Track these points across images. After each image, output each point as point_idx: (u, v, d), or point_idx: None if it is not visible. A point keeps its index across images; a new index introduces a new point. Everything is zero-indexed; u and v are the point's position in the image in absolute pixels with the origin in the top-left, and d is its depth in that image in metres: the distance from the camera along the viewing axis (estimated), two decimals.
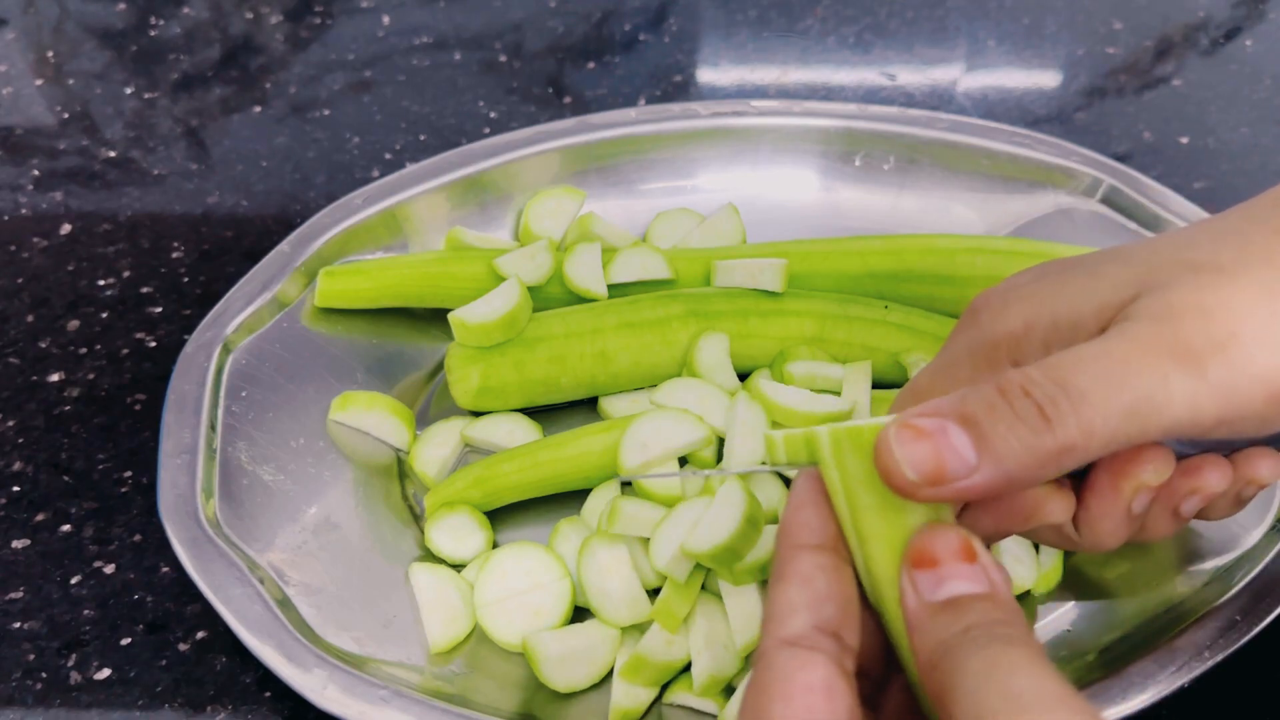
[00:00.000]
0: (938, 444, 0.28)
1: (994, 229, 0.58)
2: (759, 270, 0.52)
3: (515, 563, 0.45)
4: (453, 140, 0.68)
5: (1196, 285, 0.30)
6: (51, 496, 0.51)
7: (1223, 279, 0.30)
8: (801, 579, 0.29)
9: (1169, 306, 0.29)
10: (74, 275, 0.61)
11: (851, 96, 0.72)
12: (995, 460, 0.28)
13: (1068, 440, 0.28)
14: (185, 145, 0.69)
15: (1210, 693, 0.41)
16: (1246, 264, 0.30)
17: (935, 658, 0.27)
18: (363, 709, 0.39)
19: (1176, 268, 0.30)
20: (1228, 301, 0.29)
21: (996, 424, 0.28)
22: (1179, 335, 0.29)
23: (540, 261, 0.53)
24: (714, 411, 0.48)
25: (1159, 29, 0.77)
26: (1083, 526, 0.33)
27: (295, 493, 0.47)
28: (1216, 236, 0.31)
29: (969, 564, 0.28)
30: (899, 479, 0.28)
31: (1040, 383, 0.28)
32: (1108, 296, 0.31)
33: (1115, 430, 0.28)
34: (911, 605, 0.28)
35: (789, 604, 0.29)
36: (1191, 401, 0.28)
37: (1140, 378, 0.28)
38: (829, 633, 0.28)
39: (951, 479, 0.28)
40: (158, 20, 0.80)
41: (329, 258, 0.54)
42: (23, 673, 0.44)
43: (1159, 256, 0.31)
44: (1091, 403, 0.28)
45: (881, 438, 0.29)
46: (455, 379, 0.50)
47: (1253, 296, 0.29)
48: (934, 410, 0.29)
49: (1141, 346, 0.29)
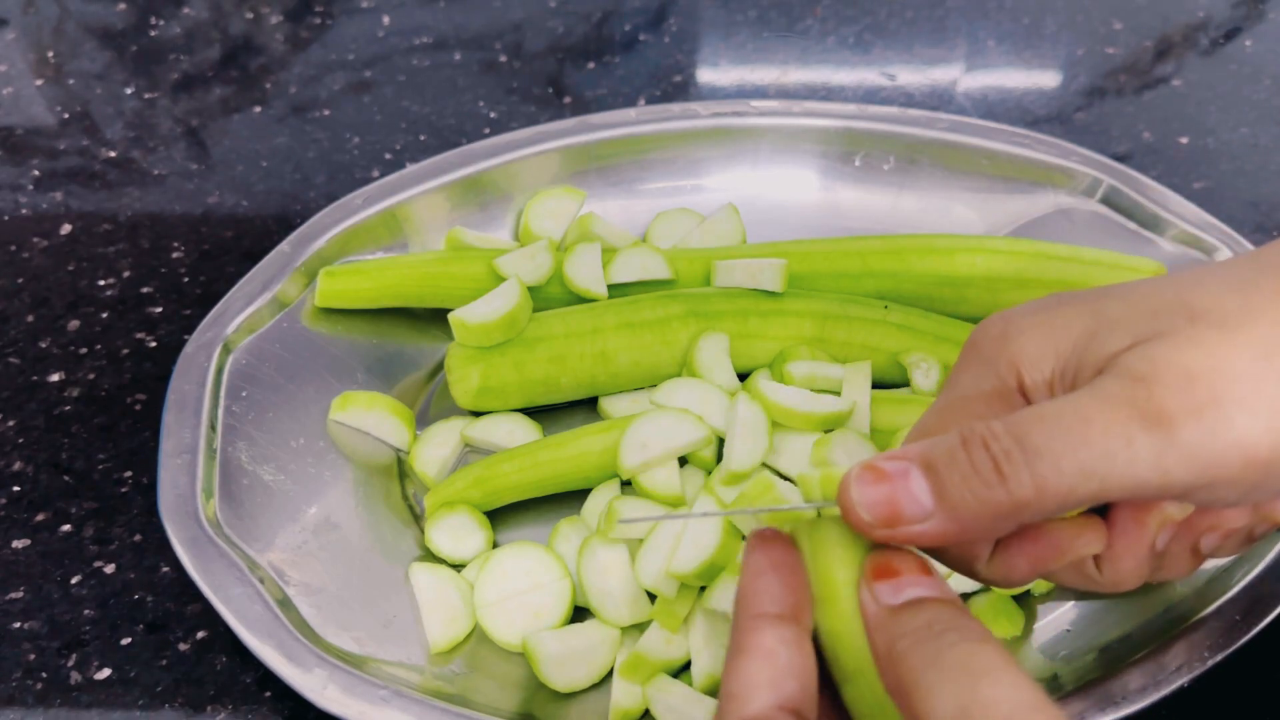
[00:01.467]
0: (895, 487, 0.29)
1: (994, 229, 0.58)
2: (759, 270, 0.52)
3: (515, 563, 0.45)
4: (453, 140, 0.69)
5: (1190, 339, 0.29)
6: (51, 496, 0.51)
7: (1219, 334, 0.29)
8: (764, 654, 0.29)
9: (1152, 364, 0.29)
10: (74, 275, 0.61)
11: (851, 96, 0.72)
12: (949, 509, 0.28)
13: (1020, 496, 0.28)
14: (185, 145, 0.69)
15: (1210, 693, 0.41)
16: (1248, 318, 0.29)
17: (899, 649, 0.27)
18: (363, 709, 0.39)
19: (1176, 315, 0.30)
20: (1218, 364, 0.28)
21: (953, 473, 0.28)
22: (1153, 396, 0.28)
23: (540, 261, 0.53)
24: (714, 411, 0.48)
25: (1159, 29, 0.77)
26: (1106, 564, 0.33)
27: (295, 493, 0.47)
28: (1225, 282, 0.31)
29: (926, 575, 0.29)
30: (854, 518, 0.29)
31: (1000, 436, 0.28)
32: (1106, 340, 0.30)
33: (1071, 489, 0.28)
34: (871, 611, 0.28)
35: (751, 681, 0.28)
36: (1158, 465, 0.28)
37: (1102, 437, 0.28)
38: (791, 710, 0.28)
39: (906, 522, 0.28)
40: (158, 20, 0.80)
41: (329, 258, 0.54)
42: (23, 673, 0.44)
43: (1161, 299, 0.31)
44: (1046, 460, 0.28)
45: (844, 478, 0.29)
46: (455, 379, 0.50)
47: (1245, 357, 0.29)
48: (902, 454, 0.29)
49: (1109, 405, 0.28)
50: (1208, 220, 0.54)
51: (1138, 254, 0.53)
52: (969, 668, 0.26)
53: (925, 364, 0.50)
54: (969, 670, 0.26)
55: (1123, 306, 0.31)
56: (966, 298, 0.53)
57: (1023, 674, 0.26)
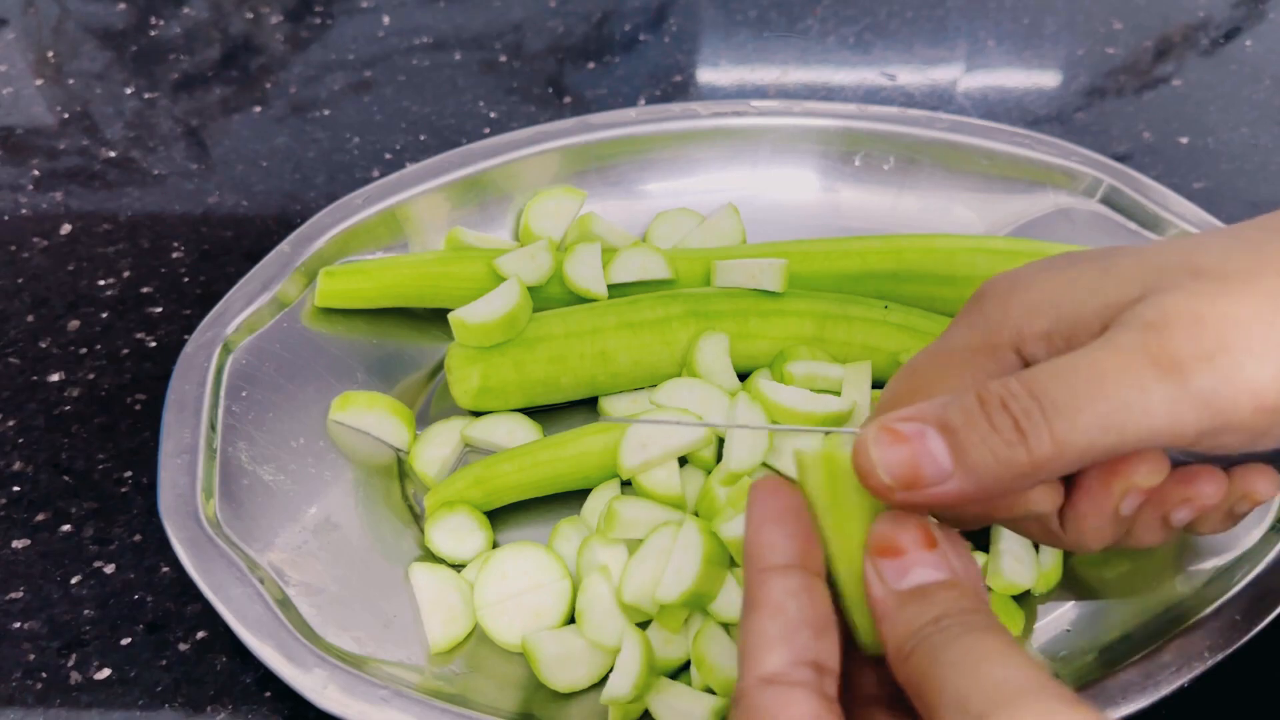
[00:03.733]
0: (915, 449, 0.28)
1: (994, 229, 0.58)
2: (759, 270, 0.51)
3: (515, 563, 0.45)
4: (453, 140, 0.69)
5: (1196, 292, 0.30)
6: (51, 496, 0.51)
7: (1226, 286, 0.29)
8: (773, 608, 0.28)
9: (1162, 314, 0.29)
10: (74, 275, 0.61)
11: (851, 96, 0.72)
12: (969, 470, 0.28)
13: (1041, 454, 0.28)
14: (185, 145, 0.69)
15: (1210, 693, 0.41)
16: (1255, 272, 0.30)
17: (908, 648, 0.27)
18: (363, 709, 0.39)
19: (1182, 272, 0.30)
20: (1225, 311, 0.29)
21: (972, 434, 0.28)
22: (1165, 344, 0.29)
23: (540, 261, 0.53)
24: (714, 411, 0.48)
25: (1159, 29, 0.77)
26: (1068, 523, 0.33)
27: (295, 493, 0.47)
28: (1230, 243, 0.31)
29: (931, 551, 0.29)
30: (874, 481, 0.29)
31: (1018, 394, 0.29)
32: (1112, 295, 0.31)
33: (1091, 443, 0.28)
34: (879, 594, 0.28)
35: (763, 638, 0.28)
36: (1171, 412, 0.28)
37: (1117, 388, 0.28)
38: (807, 662, 0.28)
39: (926, 485, 0.28)
40: (158, 20, 0.80)
41: (329, 258, 0.54)
42: (23, 673, 0.44)
43: (1168, 258, 0.31)
44: (1066, 416, 0.28)
45: (860, 440, 0.29)
46: (455, 379, 0.50)
47: (1252, 307, 0.29)
48: (916, 415, 0.29)
49: (1123, 356, 0.29)
50: (1208, 220, 0.54)
51: None
52: (973, 654, 0.26)
53: None
54: (973, 656, 0.26)
55: (1130, 262, 0.32)
56: (966, 298, 0.53)
57: (1026, 658, 0.26)
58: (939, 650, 0.27)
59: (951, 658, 0.26)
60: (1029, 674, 0.26)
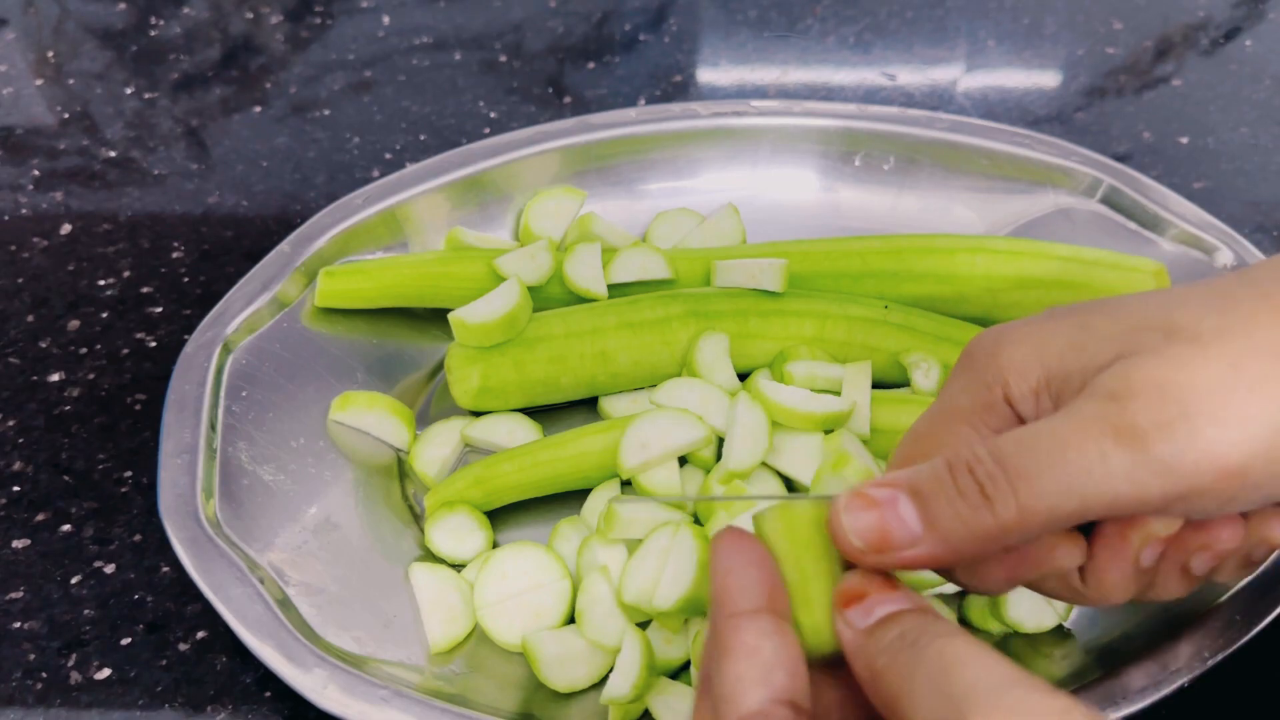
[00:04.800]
0: (884, 514, 0.30)
1: (994, 229, 0.58)
2: (759, 270, 0.51)
3: (515, 563, 0.45)
4: (453, 140, 0.69)
5: (1166, 357, 0.30)
6: (51, 496, 0.51)
7: (1193, 350, 0.30)
8: (747, 650, 0.29)
9: (1126, 383, 0.30)
10: (74, 275, 0.61)
11: (851, 96, 0.72)
12: (938, 534, 0.29)
13: (1007, 518, 0.29)
14: (185, 145, 0.69)
15: (1210, 693, 0.41)
16: (1223, 333, 0.30)
17: (878, 665, 0.28)
18: (363, 709, 0.39)
19: (1157, 332, 0.31)
20: (1190, 378, 0.29)
21: (940, 499, 0.29)
22: (1124, 414, 0.29)
23: (540, 261, 0.53)
24: (714, 411, 0.48)
25: (1159, 29, 0.77)
26: (1090, 577, 0.33)
27: (295, 493, 0.47)
28: (1207, 298, 0.31)
29: (894, 591, 0.29)
30: (846, 545, 0.30)
31: (984, 460, 0.29)
32: (1090, 356, 0.31)
33: (1053, 507, 0.29)
34: (848, 637, 0.29)
35: (739, 681, 0.28)
36: (1132, 477, 0.29)
37: (1078, 456, 0.29)
38: (784, 702, 0.28)
39: (896, 548, 0.29)
40: (158, 20, 0.80)
41: (329, 258, 0.54)
42: (23, 673, 0.44)
43: (1147, 315, 0.31)
44: (1029, 482, 0.29)
45: (834, 506, 0.30)
46: (455, 379, 0.50)
47: (1217, 371, 0.29)
48: (889, 481, 0.30)
49: (1084, 424, 0.29)
50: (1208, 220, 0.54)
51: (1138, 254, 0.53)
52: (943, 661, 0.27)
53: (925, 364, 0.50)
54: (943, 662, 0.27)
55: (1108, 322, 0.32)
56: (966, 297, 0.53)
57: (996, 656, 0.27)
58: (907, 665, 0.27)
59: (921, 669, 0.27)
60: (1000, 671, 0.26)
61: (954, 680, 0.26)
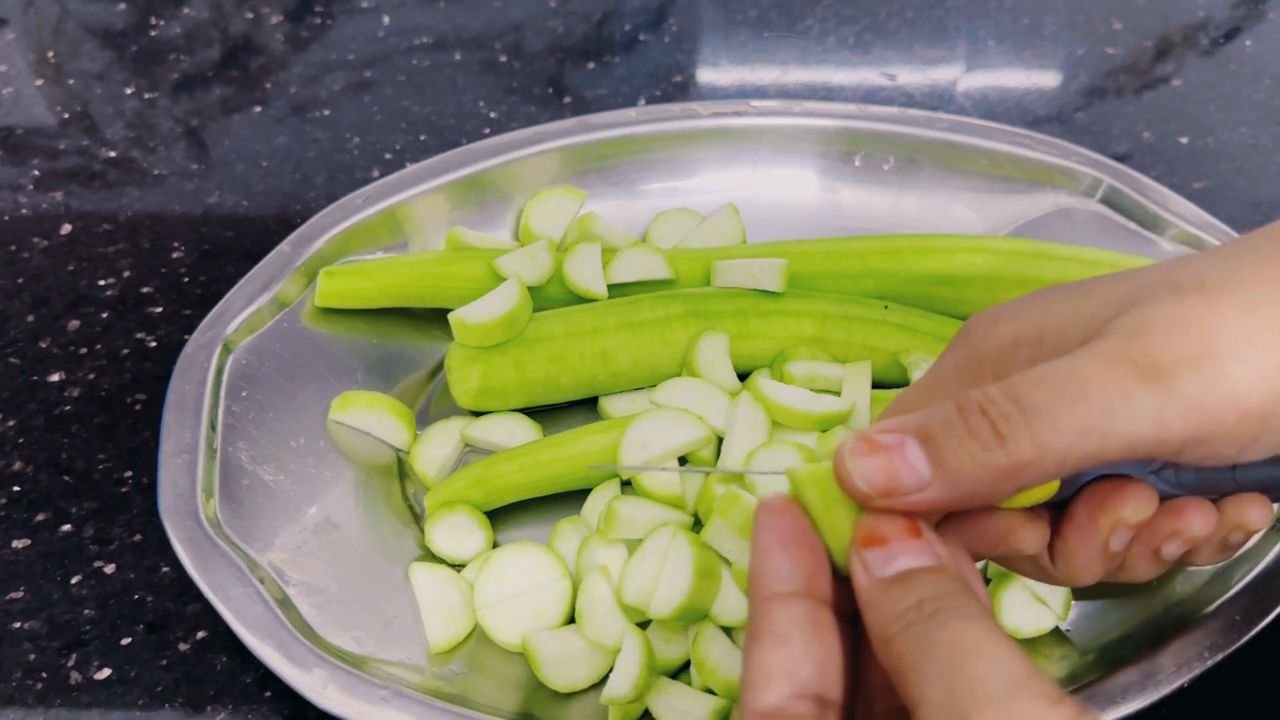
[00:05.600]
0: (892, 458, 0.28)
1: (994, 229, 0.58)
2: (759, 270, 0.51)
3: (515, 563, 0.45)
4: (453, 140, 0.69)
5: (1177, 302, 0.30)
6: (51, 496, 0.51)
7: (1204, 297, 0.30)
8: (777, 638, 0.28)
9: (1144, 320, 0.29)
10: (74, 275, 0.61)
11: (851, 96, 0.72)
12: (948, 476, 0.28)
13: (1021, 457, 0.28)
14: (185, 145, 0.69)
15: (1210, 693, 0.41)
16: (1232, 284, 0.30)
17: (890, 632, 0.27)
18: (363, 709, 0.39)
19: (1162, 287, 0.30)
20: (1206, 317, 0.29)
21: (950, 440, 0.28)
22: (1148, 350, 0.28)
23: (540, 261, 0.53)
24: (714, 411, 0.48)
25: (1159, 29, 0.77)
26: (1059, 558, 0.33)
27: (295, 493, 0.47)
28: (1208, 260, 0.31)
29: (916, 539, 0.28)
30: (852, 489, 0.29)
31: (997, 400, 0.28)
32: (1094, 313, 0.31)
33: (1070, 446, 0.28)
34: (863, 583, 0.28)
35: (765, 670, 0.28)
36: (1156, 418, 0.28)
37: (1100, 393, 0.28)
38: (809, 696, 0.27)
39: (904, 492, 0.28)
40: (158, 20, 0.80)
41: (329, 258, 0.54)
42: (23, 673, 0.44)
43: (1149, 277, 0.31)
44: (1046, 419, 0.28)
45: (839, 450, 0.29)
46: (455, 379, 0.50)
47: (1233, 314, 0.29)
48: (896, 426, 0.29)
49: (1106, 362, 0.28)
50: (1208, 220, 0.54)
51: (1138, 254, 0.53)
52: (956, 648, 0.26)
53: (925, 364, 0.50)
54: (955, 650, 0.26)
55: (1109, 285, 0.32)
56: (966, 298, 0.53)
57: (1010, 649, 0.26)
58: (921, 639, 0.26)
59: (934, 649, 0.26)
60: (1011, 669, 0.25)
61: (964, 673, 0.25)
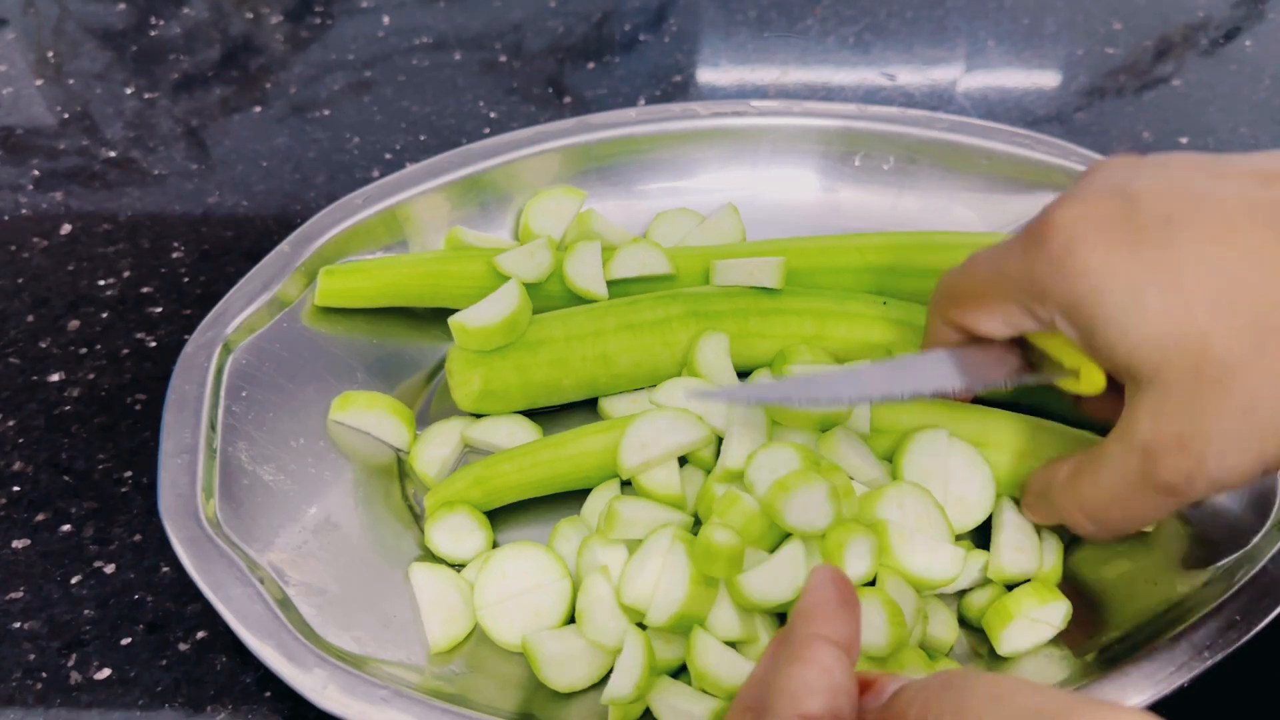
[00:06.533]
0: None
1: (994, 229, 0.58)
2: (757, 268, 0.51)
3: (515, 563, 0.45)
4: (453, 140, 0.69)
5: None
6: (51, 496, 0.51)
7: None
8: (822, 667, 0.30)
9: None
10: (74, 275, 0.61)
11: (851, 96, 0.72)
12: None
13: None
14: (185, 145, 0.69)
15: (1210, 693, 0.41)
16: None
17: (910, 716, 0.29)
18: (363, 709, 0.39)
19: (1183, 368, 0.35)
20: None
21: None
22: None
23: (540, 259, 0.53)
24: (714, 411, 0.48)
25: (1159, 29, 0.77)
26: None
27: (295, 493, 0.47)
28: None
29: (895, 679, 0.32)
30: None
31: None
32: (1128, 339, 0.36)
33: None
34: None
35: (808, 685, 0.30)
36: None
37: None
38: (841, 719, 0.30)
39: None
40: (158, 20, 0.80)
41: (329, 258, 0.54)
42: (23, 673, 0.44)
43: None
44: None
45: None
46: (457, 382, 0.50)
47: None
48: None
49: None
50: None
51: None
52: (993, 691, 0.28)
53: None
54: (994, 693, 0.28)
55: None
56: None
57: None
58: (956, 695, 0.28)
59: (972, 694, 0.28)
60: (1057, 694, 0.28)
61: (1014, 705, 0.27)
